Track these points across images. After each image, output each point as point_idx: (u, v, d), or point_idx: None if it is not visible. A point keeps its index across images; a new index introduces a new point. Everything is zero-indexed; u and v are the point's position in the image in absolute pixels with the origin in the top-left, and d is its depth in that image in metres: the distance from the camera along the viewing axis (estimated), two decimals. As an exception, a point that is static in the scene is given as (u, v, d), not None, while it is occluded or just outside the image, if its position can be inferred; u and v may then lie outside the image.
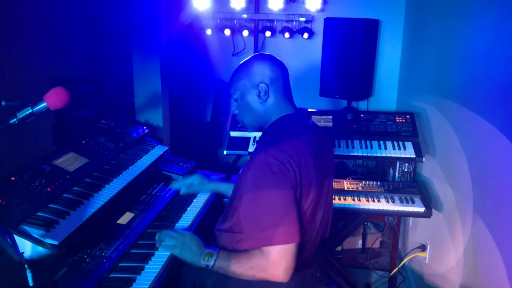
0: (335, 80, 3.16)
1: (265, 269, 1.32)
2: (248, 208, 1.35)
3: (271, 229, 1.29)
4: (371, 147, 2.45)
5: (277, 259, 1.29)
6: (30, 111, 1.38)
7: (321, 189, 1.47)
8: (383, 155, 2.41)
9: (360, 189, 2.36)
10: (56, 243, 1.32)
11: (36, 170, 1.60)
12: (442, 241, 2.21)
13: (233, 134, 2.54)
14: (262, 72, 1.47)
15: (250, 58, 1.54)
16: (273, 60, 1.50)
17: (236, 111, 1.56)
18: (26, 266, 1.09)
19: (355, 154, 2.44)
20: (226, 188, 2.00)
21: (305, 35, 3.43)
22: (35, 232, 1.32)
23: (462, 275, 1.89)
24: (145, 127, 2.27)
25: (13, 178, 1.51)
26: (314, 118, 2.60)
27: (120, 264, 1.49)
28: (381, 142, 2.48)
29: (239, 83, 1.51)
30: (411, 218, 2.81)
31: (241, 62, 1.55)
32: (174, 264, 1.58)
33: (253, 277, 1.36)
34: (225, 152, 2.49)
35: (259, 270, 1.33)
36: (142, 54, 2.58)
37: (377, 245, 3.17)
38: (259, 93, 1.47)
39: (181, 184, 2.02)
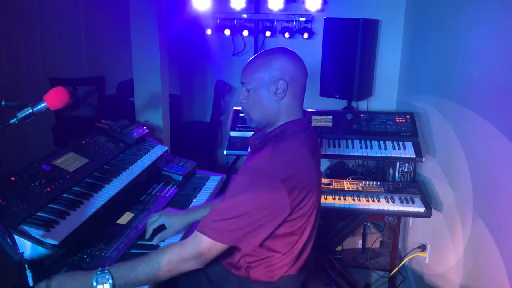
0: (335, 80, 3.16)
1: (193, 257, 1.29)
2: (228, 203, 1.30)
3: (231, 229, 1.28)
4: (371, 147, 2.45)
5: (212, 252, 1.29)
6: (30, 111, 1.38)
7: (319, 193, 1.48)
8: (383, 155, 2.41)
9: (360, 189, 2.36)
10: (56, 243, 1.32)
11: (36, 170, 1.60)
12: (442, 241, 2.21)
13: (233, 134, 2.53)
14: (284, 68, 1.36)
15: (273, 49, 1.42)
16: (297, 59, 1.40)
17: (244, 101, 1.44)
18: (26, 266, 1.09)
19: (355, 154, 2.44)
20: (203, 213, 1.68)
21: (305, 35, 3.43)
22: (35, 232, 1.32)
23: (462, 275, 1.89)
24: (145, 127, 2.26)
25: (13, 178, 1.51)
26: (314, 118, 2.59)
27: (120, 264, 1.49)
28: (381, 142, 2.48)
29: (256, 74, 1.38)
30: (411, 218, 2.81)
31: (262, 51, 1.44)
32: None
33: (169, 271, 1.29)
34: (225, 152, 2.49)
35: (182, 248, 1.29)
36: (142, 54, 2.59)
37: (377, 245, 3.16)
38: (276, 89, 1.36)
39: (147, 229, 1.66)
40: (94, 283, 1.23)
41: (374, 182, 2.42)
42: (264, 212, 1.27)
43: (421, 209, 2.19)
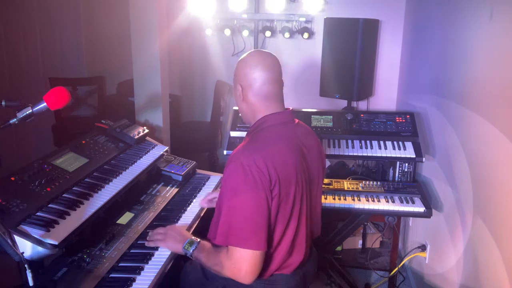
0: (335, 80, 3.16)
1: (228, 268, 1.35)
2: (222, 205, 1.38)
3: (238, 230, 1.32)
4: (371, 147, 2.45)
5: (239, 261, 1.32)
6: (30, 111, 1.38)
7: (306, 186, 1.48)
8: (383, 155, 2.41)
9: (360, 189, 2.36)
10: (56, 243, 1.32)
11: (36, 170, 1.60)
12: (442, 241, 2.21)
13: (233, 134, 2.53)
14: (242, 72, 1.49)
15: (244, 55, 1.53)
16: (256, 62, 1.47)
17: None
18: (26, 266, 1.09)
19: (355, 154, 2.44)
20: None
21: (305, 35, 3.43)
22: (35, 232, 1.32)
23: (462, 275, 1.89)
24: (145, 127, 2.26)
25: (13, 178, 1.51)
26: (314, 118, 2.59)
27: (120, 264, 1.49)
28: (381, 142, 2.48)
29: (233, 77, 1.55)
30: (411, 218, 2.81)
31: None
32: (174, 264, 1.59)
33: (218, 272, 1.40)
34: (225, 152, 2.48)
35: (222, 267, 1.37)
36: (142, 54, 2.58)
37: (377, 245, 3.17)
38: (238, 92, 1.51)
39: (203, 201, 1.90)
40: (186, 244, 1.51)
41: (374, 182, 2.42)
42: (254, 201, 1.32)
43: (421, 209, 2.19)
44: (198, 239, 1.53)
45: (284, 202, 1.38)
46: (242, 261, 1.31)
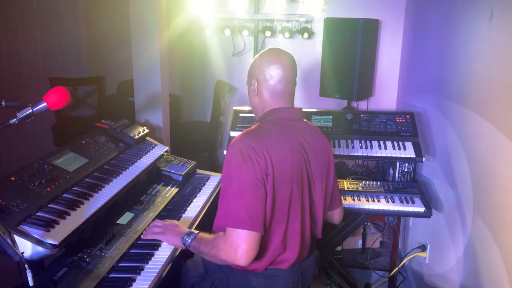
0: (335, 80, 3.16)
1: (224, 249, 1.35)
2: (222, 191, 1.42)
3: (235, 212, 1.34)
4: (371, 147, 2.45)
5: (235, 242, 1.33)
6: (30, 111, 1.38)
7: (304, 185, 1.48)
8: (383, 155, 2.41)
9: (360, 189, 2.36)
10: (56, 243, 1.32)
11: (36, 170, 1.60)
12: (442, 241, 2.21)
13: (233, 134, 2.53)
14: (258, 69, 1.54)
15: (263, 51, 1.60)
16: (274, 60, 1.52)
17: None
18: (26, 266, 1.09)
19: (355, 154, 2.44)
20: None
21: (305, 35, 3.43)
22: (35, 232, 1.32)
23: (462, 275, 1.89)
24: (145, 127, 2.26)
25: (13, 178, 1.51)
26: (314, 118, 2.59)
27: (120, 264, 1.49)
28: (381, 142, 2.47)
29: (248, 71, 1.59)
30: (411, 218, 2.81)
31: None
32: (174, 264, 1.59)
33: (214, 256, 1.41)
34: (225, 152, 2.48)
35: (218, 249, 1.37)
36: (142, 54, 2.59)
37: (377, 245, 3.17)
38: (253, 86, 1.56)
39: None
40: (185, 235, 1.54)
41: (374, 182, 2.42)
42: (251, 183, 1.35)
43: (421, 209, 2.19)
44: (197, 231, 1.56)
45: (275, 194, 1.39)
46: (238, 242, 1.32)
